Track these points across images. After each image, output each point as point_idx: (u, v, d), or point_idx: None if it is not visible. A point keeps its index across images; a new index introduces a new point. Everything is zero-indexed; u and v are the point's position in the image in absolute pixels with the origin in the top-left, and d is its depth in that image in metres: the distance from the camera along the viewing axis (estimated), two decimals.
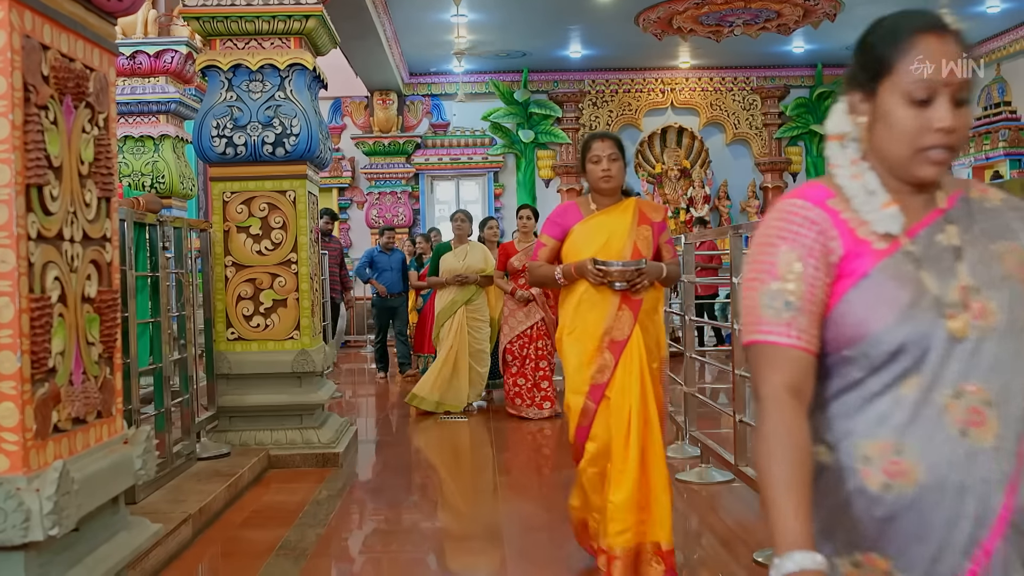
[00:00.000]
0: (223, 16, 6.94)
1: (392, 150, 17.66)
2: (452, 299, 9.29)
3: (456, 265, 9.31)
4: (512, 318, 8.86)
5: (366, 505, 6.09)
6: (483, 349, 9.32)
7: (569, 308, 4.47)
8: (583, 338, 4.37)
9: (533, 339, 8.82)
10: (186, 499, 5.42)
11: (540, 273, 4.60)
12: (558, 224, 4.58)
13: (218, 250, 7.01)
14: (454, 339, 9.18)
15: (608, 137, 4.58)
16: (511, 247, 9.02)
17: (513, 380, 8.86)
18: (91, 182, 3.22)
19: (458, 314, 9.24)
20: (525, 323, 8.79)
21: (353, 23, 11.90)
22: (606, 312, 4.34)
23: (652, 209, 4.64)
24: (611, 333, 4.32)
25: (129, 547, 3.30)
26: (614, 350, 4.31)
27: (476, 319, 9.33)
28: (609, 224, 4.47)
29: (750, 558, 4.59)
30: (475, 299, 9.33)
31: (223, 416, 7.00)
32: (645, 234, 4.47)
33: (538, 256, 4.62)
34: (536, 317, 8.79)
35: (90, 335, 3.19)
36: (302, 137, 6.95)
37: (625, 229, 4.44)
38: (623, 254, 4.38)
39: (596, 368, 4.32)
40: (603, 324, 4.33)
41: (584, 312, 4.40)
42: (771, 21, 14.01)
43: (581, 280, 4.40)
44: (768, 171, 18.21)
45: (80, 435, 3.09)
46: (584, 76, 18.10)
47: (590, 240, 4.44)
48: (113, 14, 3.42)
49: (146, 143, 9.77)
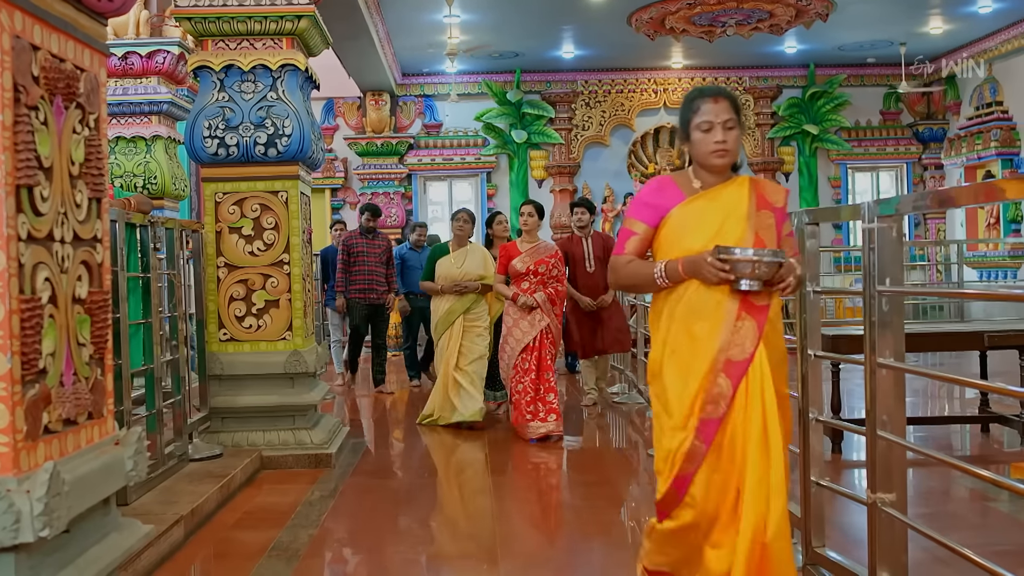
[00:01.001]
0: (215, 17, 6.93)
1: (385, 151, 17.66)
2: (449, 308, 8.52)
3: (453, 271, 8.57)
4: (516, 329, 8.02)
5: (359, 506, 6.08)
6: (483, 356, 8.53)
7: (665, 319, 3.50)
8: (690, 359, 3.38)
9: (539, 349, 7.97)
10: (178, 500, 5.41)
11: (631, 272, 3.59)
12: (652, 206, 3.57)
13: (210, 251, 7.00)
14: (453, 353, 8.44)
15: (723, 96, 3.51)
16: (513, 248, 8.18)
17: (514, 386, 8.01)
18: (82, 183, 3.21)
19: (456, 325, 8.49)
20: (531, 333, 7.97)
21: (345, 23, 11.90)
22: (721, 322, 3.35)
23: (772, 190, 3.60)
24: (728, 351, 3.32)
25: (120, 548, 3.29)
26: (732, 373, 3.31)
27: (476, 327, 8.56)
28: (721, 207, 3.47)
29: None
30: (474, 308, 8.57)
31: (215, 417, 6.99)
32: (767, 222, 3.47)
33: (624, 248, 3.62)
34: (542, 325, 7.97)
35: (81, 336, 3.18)
36: (294, 138, 6.94)
37: (742, 214, 3.44)
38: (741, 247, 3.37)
39: (707, 398, 3.33)
40: (717, 339, 3.34)
41: (690, 323, 3.40)
42: (763, 21, 14.03)
43: (686, 281, 3.43)
44: (761, 171, 18.22)
45: (71, 436, 3.09)
46: (577, 76, 18.11)
47: (697, 227, 3.46)
48: (104, 14, 3.41)
49: (138, 144, 9.74)
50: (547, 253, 8.16)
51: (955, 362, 12.12)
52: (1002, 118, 16.03)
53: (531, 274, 8.03)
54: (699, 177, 3.55)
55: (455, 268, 8.60)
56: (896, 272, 3.41)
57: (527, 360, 7.96)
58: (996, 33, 15.90)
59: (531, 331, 7.97)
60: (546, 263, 8.08)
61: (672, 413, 3.40)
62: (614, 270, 3.67)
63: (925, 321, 13.58)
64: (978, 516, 5.60)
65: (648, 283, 3.52)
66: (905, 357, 3.51)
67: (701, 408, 3.33)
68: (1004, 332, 6.83)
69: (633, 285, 3.66)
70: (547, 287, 8.07)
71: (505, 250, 8.24)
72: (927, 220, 18.51)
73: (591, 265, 9.16)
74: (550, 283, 8.10)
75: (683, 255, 3.41)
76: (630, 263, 3.60)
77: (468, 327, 8.52)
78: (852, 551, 4.07)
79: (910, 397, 9.78)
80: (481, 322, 8.60)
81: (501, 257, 8.22)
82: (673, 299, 3.47)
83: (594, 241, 9.30)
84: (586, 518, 5.64)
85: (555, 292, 8.12)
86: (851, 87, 18.38)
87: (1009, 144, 15.78)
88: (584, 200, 9.53)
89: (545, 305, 8.01)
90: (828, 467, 6.36)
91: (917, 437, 7.67)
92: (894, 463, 3.45)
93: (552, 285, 8.11)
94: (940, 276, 17.42)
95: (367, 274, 10.65)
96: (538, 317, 7.99)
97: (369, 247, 10.67)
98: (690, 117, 3.52)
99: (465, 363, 8.43)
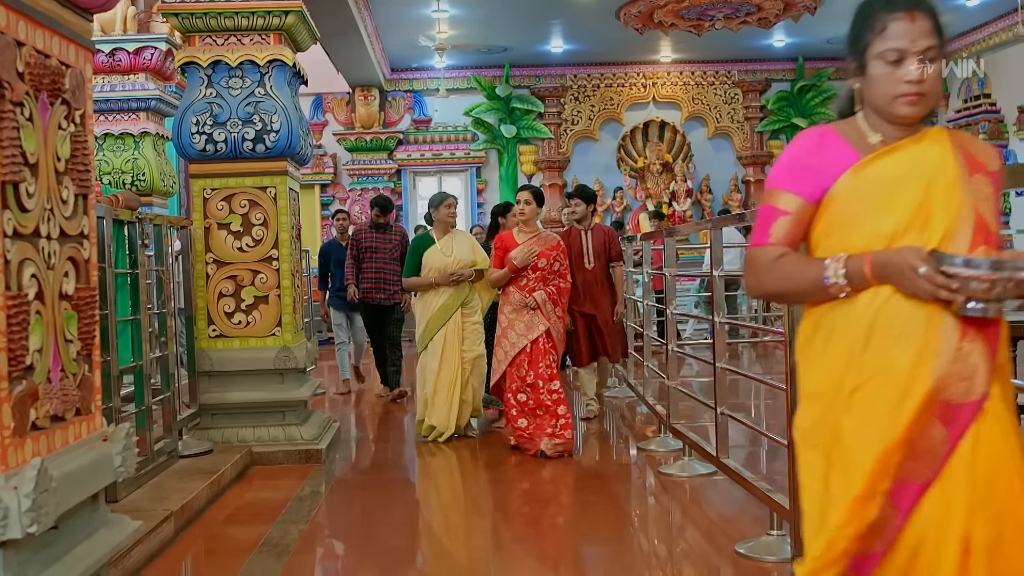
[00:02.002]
0: (202, 12, 6.92)
1: (374, 146, 17.65)
2: (444, 304, 7.66)
3: (445, 261, 7.69)
4: (512, 331, 7.10)
5: (349, 502, 6.09)
6: (482, 355, 7.77)
7: (848, 337, 2.31)
8: (881, 393, 2.22)
9: (536, 356, 7.02)
10: (168, 497, 5.41)
11: (786, 273, 2.39)
12: (810, 171, 2.39)
13: (199, 247, 6.99)
14: (454, 353, 7.61)
15: (921, 10, 2.39)
16: (510, 239, 7.27)
17: (514, 395, 7.07)
18: (68, 179, 3.21)
19: (453, 321, 7.66)
20: (526, 336, 7.04)
21: (334, 19, 11.89)
22: (933, 347, 2.21)
23: (980, 148, 2.45)
24: (946, 389, 2.19)
25: (109, 544, 3.29)
26: (951, 421, 2.19)
27: (473, 323, 7.78)
28: (919, 172, 2.31)
29: (732, 550, 4.60)
30: (471, 300, 7.78)
31: (205, 413, 6.99)
32: (986, 191, 2.33)
33: (769, 235, 2.42)
34: (540, 329, 7.03)
35: (68, 332, 3.18)
36: (282, 133, 6.94)
37: (950, 180, 2.30)
38: (957, 232, 2.26)
39: (908, 452, 2.19)
40: (931, 371, 2.19)
41: (883, 345, 2.24)
42: (752, 15, 14.05)
43: (875, 287, 2.26)
44: (750, 165, 18.27)
45: (59, 432, 3.09)
46: (566, 71, 18.12)
47: (885, 203, 2.30)
48: (89, 10, 3.41)
49: (126, 140, 9.72)
50: (548, 245, 7.22)
51: None
52: (990, 110, 16.10)
53: (530, 269, 7.13)
54: (878, 128, 2.43)
55: (446, 257, 7.71)
56: None
57: (523, 368, 7.02)
58: (983, 26, 15.94)
59: (527, 334, 7.05)
60: (547, 257, 7.16)
61: (852, 474, 2.24)
62: (755, 270, 2.45)
63: None
64: None
65: (813, 289, 2.33)
66: None
67: (897, 465, 2.21)
68: None
69: (786, 292, 2.48)
70: (548, 284, 7.18)
71: (501, 241, 7.33)
72: None
73: (590, 261, 8.31)
74: (552, 280, 7.20)
75: (864, 247, 2.29)
76: (782, 258, 2.40)
77: (466, 321, 7.75)
78: None
79: None
80: (477, 316, 7.84)
81: (496, 249, 7.30)
82: (858, 312, 2.29)
83: (594, 235, 8.43)
84: (584, 527, 5.65)
85: (557, 290, 7.20)
86: (840, 80, 18.35)
87: (997, 136, 15.84)
88: (581, 189, 8.63)
89: (545, 306, 7.11)
90: None
91: None
92: None
93: (554, 282, 7.21)
94: None
95: (376, 271, 9.73)
96: (536, 319, 7.07)
97: (380, 242, 9.81)
98: (869, 40, 2.43)
99: (467, 366, 7.66)
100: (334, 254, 10.59)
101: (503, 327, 7.18)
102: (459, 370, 7.58)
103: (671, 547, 4.90)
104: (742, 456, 6.45)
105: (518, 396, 7.03)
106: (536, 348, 7.03)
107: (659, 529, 5.38)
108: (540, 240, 7.25)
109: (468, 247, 7.85)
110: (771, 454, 6.74)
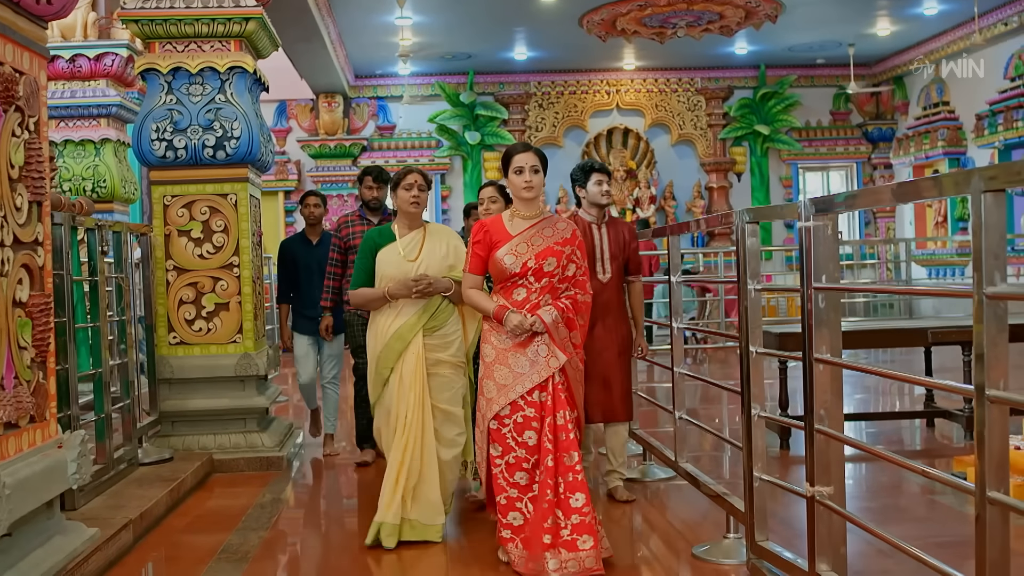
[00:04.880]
0: (162, 19, 6.91)
1: (338, 153, 17.66)
2: (398, 332, 5.03)
3: (406, 267, 5.09)
4: (500, 369, 4.54)
5: (309, 508, 6.08)
6: (455, 412, 5.12)
7: None
8: None
9: (544, 411, 4.49)
10: (127, 504, 5.38)
11: None
12: None
13: (159, 254, 6.97)
14: (413, 405, 4.97)
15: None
16: (497, 228, 4.68)
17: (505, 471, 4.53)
18: (21, 186, 3.21)
19: (411, 353, 5.02)
20: (529, 378, 4.48)
21: (297, 25, 11.88)
22: None
23: None
24: None
25: (64, 551, 3.29)
26: None
27: (444, 358, 5.11)
28: None
29: (690, 552, 4.64)
30: (440, 320, 5.12)
31: (165, 421, 6.97)
32: None
33: None
34: (552, 365, 4.49)
35: (22, 339, 3.18)
36: (243, 140, 6.93)
37: None
38: None
39: None
40: None
41: None
42: (713, 23, 14.16)
43: None
44: (713, 171, 18.39)
45: (12, 440, 3.08)
46: (530, 78, 18.20)
47: None
48: (43, 18, 3.41)
49: (87, 147, 9.67)
50: (558, 237, 4.64)
51: (905, 358, 12.28)
52: (948, 118, 16.29)
53: (531, 275, 4.58)
54: None
55: (407, 262, 5.11)
56: (832, 269, 3.46)
57: (521, 428, 4.49)
58: (942, 34, 16.14)
59: (529, 375, 4.50)
60: (556, 254, 4.59)
61: None
62: None
63: (874, 318, 13.77)
64: (924, 509, 5.69)
65: None
66: (842, 353, 3.56)
67: None
68: (947, 328, 6.94)
69: None
70: (559, 297, 4.61)
71: (484, 232, 4.68)
72: (877, 219, 18.74)
73: (605, 270, 5.69)
74: (564, 290, 4.64)
75: None
76: None
77: (431, 356, 5.06)
78: (795, 544, 4.13)
79: (862, 394, 9.92)
80: (453, 352, 5.15)
81: (476, 244, 4.68)
82: None
83: (610, 232, 5.79)
84: None
85: (573, 304, 4.60)
86: (801, 88, 18.59)
87: (955, 144, 16.03)
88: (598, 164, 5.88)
89: (558, 330, 4.51)
90: (776, 463, 6.48)
91: (869, 433, 7.78)
92: (832, 457, 3.50)
93: (567, 293, 4.64)
94: (890, 274, 17.66)
95: None
96: (543, 351, 4.50)
97: None
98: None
99: (431, 431, 5.04)
100: (301, 255, 7.52)
101: (487, 363, 4.60)
102: (416, 438, 4.96)
103: (630, 551, 4.93)
104: (704, 460, 6.50)
105: (514, 475, 4.50)
106: (544, 397, 4.52)
107: (619, 533, 5.41)
108: (543, 230, 4.66)
109: (443, 247, 5.21)
110: (733, 458, 6.79)
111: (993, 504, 2.47)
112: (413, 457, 4.92)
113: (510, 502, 4.47)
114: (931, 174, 16.25)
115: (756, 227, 4.19)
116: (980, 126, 15.05)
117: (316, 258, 7.36)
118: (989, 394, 2.47)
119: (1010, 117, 14.35)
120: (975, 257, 2.46)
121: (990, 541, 2.48)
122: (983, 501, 2.49)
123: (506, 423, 4.50)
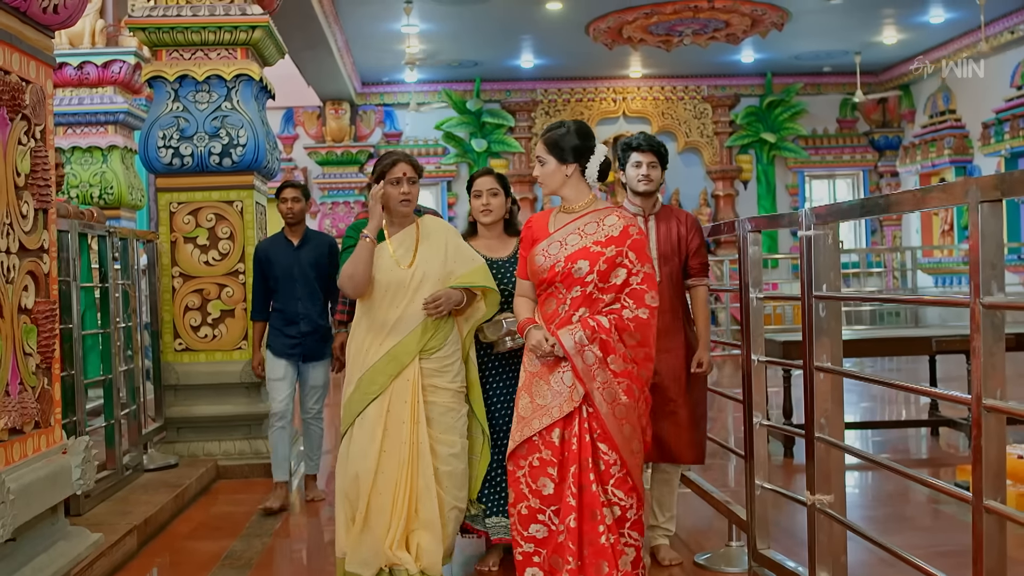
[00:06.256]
0: (169, 27, 6.94)
1: (345, 160, 17.70)
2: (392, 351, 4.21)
3: (396, 272, 4.26)
4: (525, 395, 3.82)
5: (313, 515, 6.09)
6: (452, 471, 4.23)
7: None
8: None
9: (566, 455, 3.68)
10: (132, 510, 5.41)
11: None
12: None
13: (165, 261, 7.00)
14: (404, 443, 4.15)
15: None
16: (540, 224, 3.94)
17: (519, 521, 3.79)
18: (27, 193, 3.23)
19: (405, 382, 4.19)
20: (549, 412, 3.70)
21: (304, 33, 11.92)
22: None
23: None
24: None
25: (67, 556, 3.31)
26: None
27: (445, 390, 4.27)
28: None
29: (691, 560, 4.65)
30: (439, 341, 4.26)
31: (171, 427, 6.99)
32: None
33: None
34: (575, 397, 3.67)
35: (27, 346, 3.20)
36: (249, 147, 6.96)
37: None
38: None
39: None
40: None
41: None
42: (720, 31, 14.17)
43: None
44: (719, 179, 18.40)
45: (17, 445, 3.10)
46: (536, 85, 18.22)
47: None
48: (50, 27, 3.43)
49: (94, 153, 9.71)
50: (600, 236, 3.77)
51: (911, 367, 12.26)
52: (955, 126, 16.28)
53: (560, 282, 3.78)
54: None
55: (399, 268, 4.28)
56: (832, 278, 3.48)
57: (536, 474, 3.73)
58: (948, 43, 16.12)
59: (549, 409, 3.72)
60: (590, 257, 3.73)
61: None
62: None
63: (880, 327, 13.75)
64: (927, 518, 5.70)
65: None
66: (842, 361, 3.58)
67: None
68: (952, 337, 6.95)
69: None
70: (600, 311, 3.72)
71: (528, 228, 4.00)
72: (883, 227, 18.73)
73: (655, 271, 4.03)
74: (604, 303, 3.74)
75: None
76: None
77: (429, 387, 4.23)
78: (798, 552, 4.13)
79: (868, 402, 9.91)
80: (451, 378, 4.30)
81: (522, 241, 4.04)
82: None
83: (660, 226, 4.72)
84: None
85: (616, 322, 3.69)
86: (808, 96, 18.58)
87: (962, 152, 16.02)
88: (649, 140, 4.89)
89: (583, 355, 3.65)
90: (780, 471, 6.48)
91: (875, 441, 7.78)
92: (832, 465, 3.51)
93: (614, 306, 3.73)
94: (896, 282, 17.63)
95: None
96: (567, 379, 3.69)
97: None
98: None
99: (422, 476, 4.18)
100: (279, 260, 6.07)
101: (517, 389, 3.93)
102: (410, 476, 4.15)
103: None
104: (709, 469, 6.49)
105: (528, 528, 3.77)
106: (571, 432, 3.70)
107: None
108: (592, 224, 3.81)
109: (442, 249, 4.36)
110: (738, 467, 6.79)
111: (990, 513, 2.48)
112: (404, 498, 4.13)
113: (526, 558, 3.75)
114: (937, 182, 16.25)
115: (758, 236, 4.21)
116: (987, 134, 15.04)
117: (299, 263, 6.01)
118: (986, 403, 2.48)
119: (1016, 125, 14.33)
120: (972, 267, 2.48)
121: (987, 550, 2.50)
122: (980, 510, 2.50)
123: (521, 465, 3.76)
